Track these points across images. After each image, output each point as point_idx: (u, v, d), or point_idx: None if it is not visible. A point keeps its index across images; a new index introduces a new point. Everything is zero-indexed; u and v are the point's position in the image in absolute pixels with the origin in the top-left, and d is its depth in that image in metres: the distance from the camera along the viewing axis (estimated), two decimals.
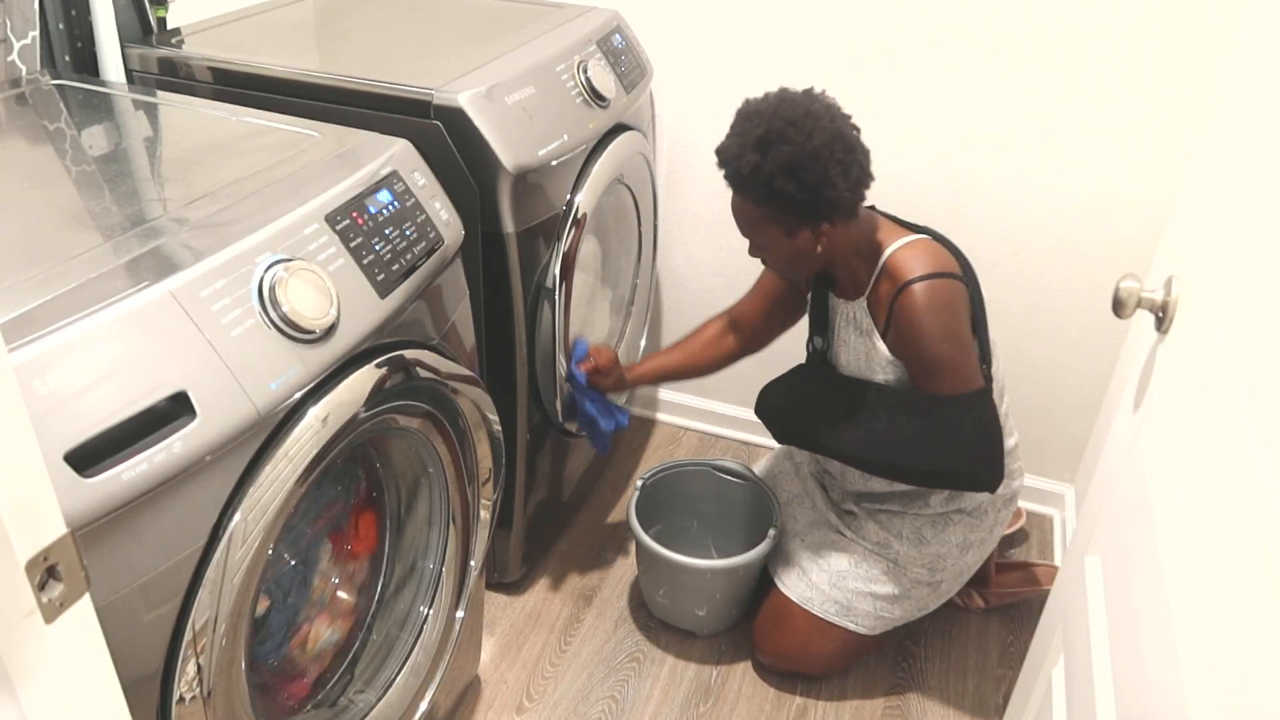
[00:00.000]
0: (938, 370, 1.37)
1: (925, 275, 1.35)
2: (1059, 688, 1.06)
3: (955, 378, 1.37)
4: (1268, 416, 0.62)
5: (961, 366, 1.38)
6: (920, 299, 1.35)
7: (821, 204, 1.30)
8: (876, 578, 1.59)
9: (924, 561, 1.58)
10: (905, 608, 1.61)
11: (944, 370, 1.37)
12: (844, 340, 1.50)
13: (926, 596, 1.62)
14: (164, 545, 0.84)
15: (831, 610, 1.60)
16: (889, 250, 1.39)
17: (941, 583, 1.61)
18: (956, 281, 1.37)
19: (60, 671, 0.55)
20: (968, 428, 1.39)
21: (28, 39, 1.38)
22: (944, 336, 1.36)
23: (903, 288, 1.36)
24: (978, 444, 1.40)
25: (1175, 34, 1.59)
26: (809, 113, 1.29)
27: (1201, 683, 0.64)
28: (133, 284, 0.84)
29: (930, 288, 1.35)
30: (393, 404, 1.12)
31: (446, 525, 1.34)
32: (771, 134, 1.28)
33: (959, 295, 1.38)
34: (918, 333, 1.36)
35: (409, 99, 1.38)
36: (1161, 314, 0.94)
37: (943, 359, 1.37)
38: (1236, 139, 0.89)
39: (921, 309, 1.35)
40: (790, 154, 1.27)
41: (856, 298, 1.46)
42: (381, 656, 1.32)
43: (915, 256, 1.38)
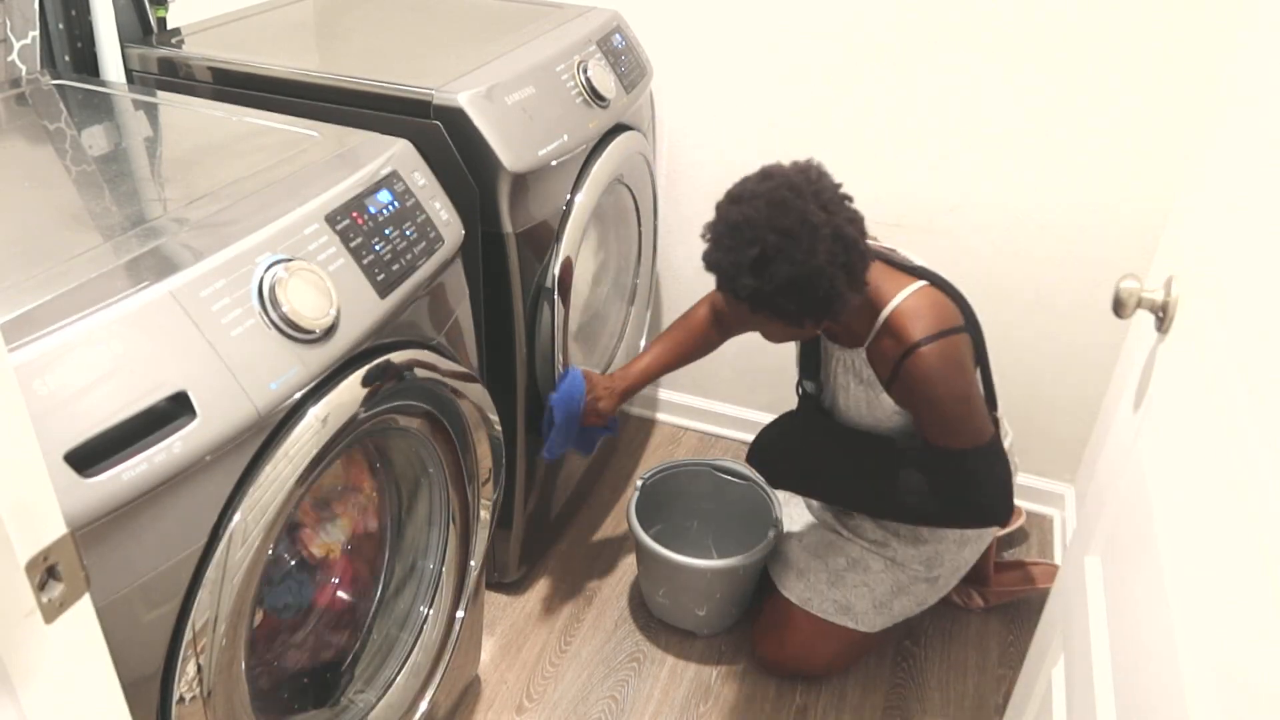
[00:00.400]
0: (951, 431, 1.36)
1: (933, 336, 1.31)
2: (1059, 688, 1.06)
3: (968, 433, 1.37)
4: (1268, 416, 0.62)
5: (974, 422, 1.37)
6: (930, 362, 1.31)
7: (827, 311, 1.25)
8: (875, 575, 1.59)
9: (922, 559, 1.58)
10: (904, 604, 1.61)
11: (958, 430, 1.36)
12: (843, 386, 1.48)
13: (925, 592, 1.62)
14: (164, 545, 0.84)
15: (831, 610, 1.60)
16: (890, 305, 1.35)
17: (939, 578, 1.61)
18: (962, 334, 1.34)
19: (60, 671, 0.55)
20: (981, 477, 1.39)
21: (28, 39, 1.38)
22: (957, 398, 1.34)
23: (910, 350, 1.32)
24: (989, 490, 1.41)
25: (1175, 33, 1.59)
26: (805, 220, 1.19)
27: (1201, 683, 0.64)
28: (133, 284, 0.84)
29: (939, 350, 1.31)
30: (393, 404, 1.12)
31: (446, 525, 1.34)
32: (768, 252, 1.20)
33: (966, 350, 1.35)
34: (930, 396, 1.34)
35: (409, 99, 1.38)
36: (1161, 314, 0.94)
37: (956, 419, 1.35)
38: (1236, 139, 0.89)
39: (933, 373, 1.31)
40: (791, 274, 1.20)
41: (854, 346, 1.43)
42: (381, 656, 1.32)
43: (919, 313, 1.33)
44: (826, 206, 1.22)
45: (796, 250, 1.19)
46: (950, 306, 1.36)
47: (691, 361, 1.70)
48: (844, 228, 1.22)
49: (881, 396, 1.42)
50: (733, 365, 2.23)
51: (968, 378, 1.36)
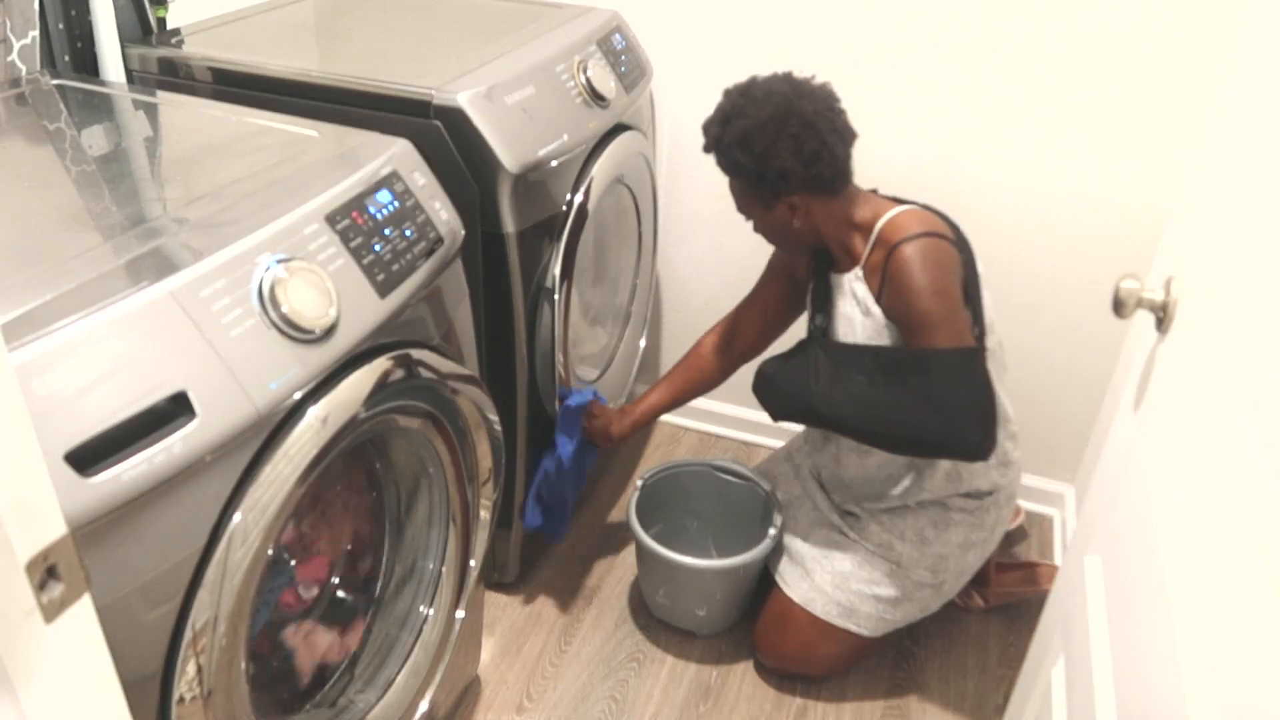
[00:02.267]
0: (928, 325, 1.39)
1: (916, 235, 1.40)
2: (1059, 688, 1.06)
3: (945, 332, 1.38)
4: (1268, 416, 0.62)
5: (951, 322, 1.39)
6: (910, 254, 1.39)
7: (770, 174, 1.40)
8: (879, 580, 1.59)
9: (927, 563, 1.58)
10: (907, 609, 1.61)
11: (934, 325, 1.39)
12: (841, 313, 1.52)
13: (929, 598, 1.62)
14: (164, 545, 0.84)
15: (834, 612, 1.60)
16: (883, 219, 1.45)
17: (944, 583, 1.61)
18: (947, 243, 1.41)
19: (60, 671, 0.54)
20: (958, 384, 1.39)
21: (28, 39, 1.38)
22: (934, 291, 1.38)
23: (894, 247, 1.40)
24: (968, 403, 1.39)
25: (1175, 32, 1.59)
26: (770, 91, 1.39)
27: (1201, 683, 0.64)
28: (133, 284, 0.84)
29: (920, 245, 1.39)
30: (393, 404, 1.12)
31: (446, 525, 1.34)
32: (732, 109, 1.41)
33: (949, 255, 1.41)
34: (908, 287, 1.39)
35: (409, 99, 1.38)
36: (1161, 314, 0.94)
37: (933, 313, 1.38)
38: (1236, 139, 0.89)
39: (912, 264, 1.39)
40: (743, 127, 1.39)
41: (851, 268, 1.50)
42: (381, 656, 1.32)
43: (907, 221, 1.43)
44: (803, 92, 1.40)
45: (753, 108, 1.39)
46: (938, 221, 1.45)
47: (698, 394, 1.78)
48: (806, 109, 1.38)
49: (872, 310, 1.46)
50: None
51: (946, 275, 1.40)
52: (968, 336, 1.40)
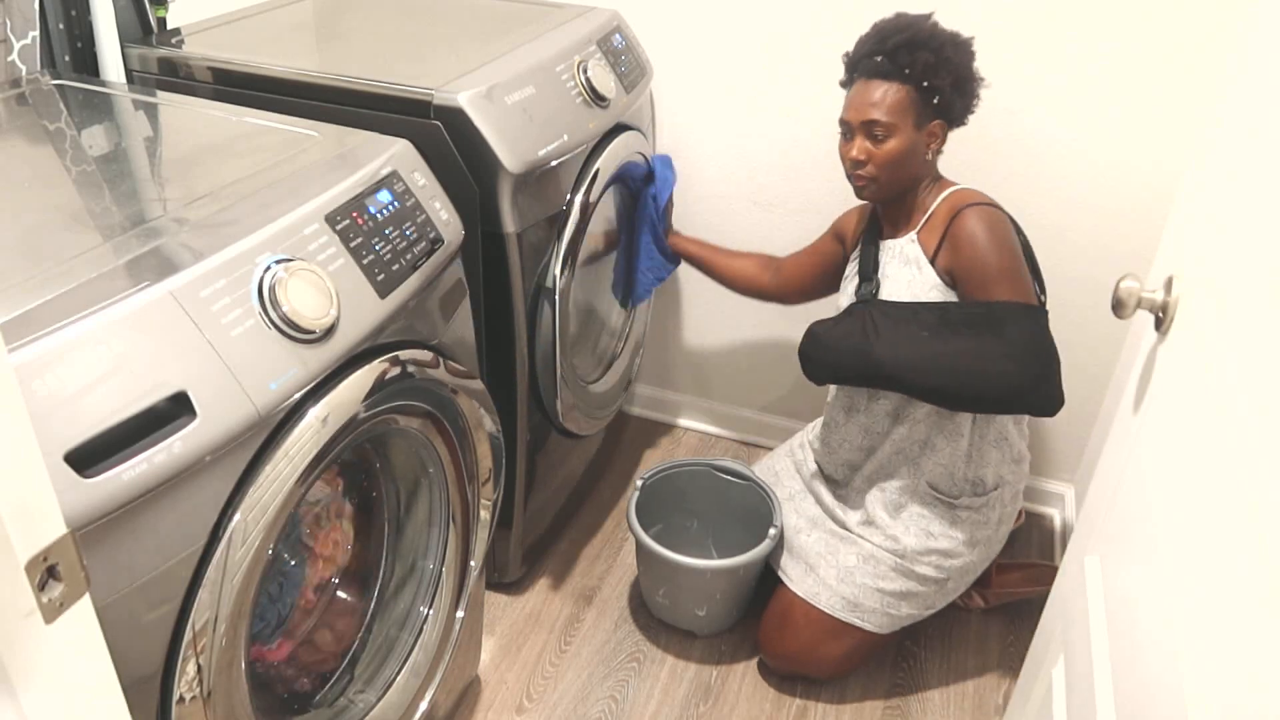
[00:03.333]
0: (997, 279, 1.42)
1: (983, 202, 1.47)
2: (1059, 687, 1.06)
3: (1015, 286, 1.43)
4: (1268, 416, 0.62)
5: (1020, 279, 1.44)
6: (978, 216, 1.45)
7: (959, 105, 1.47)
8: (884, 574, 1.59)
9: (932, 559, 1.58)
10: (912, 605, 1.61)
11: (1004, 278, 1.42)
12: (888, 275, 1.54)
13: (933, 595, 1.61)
14: (164, 545, 0.84)
15: (839, 606, 1.60)
16: (948, 190, 1.52)
17: (948, 580, 1.61)
18: (1010, 219, 1.49)
19: (60, 671, 0.55)
20: (1030, 337, 1.41)
21: (28, 39, 1.38)
22: (1001, 248, 1.43)
23: (962, 209, 1.46)
24: (1041, 355, 1.41)
25: (1176, 32, 1.59)
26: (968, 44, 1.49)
27: (1201, 683, 0.64)
28: (133, 284, 0.84)
29: (987, 210, 1.46)
30: (393, 404, 1.12)
31: (446, 525, 1.34)
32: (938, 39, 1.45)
33: (1011, 227, 1.48)
34: (975, 242, 1.44)
35: (409, 99, 1.38)
36: (1161, 314, 0.94)
37: (1003, 268, 1.43)
38: (1236, 139, 0.89)
39: (981, 222, 1.44)
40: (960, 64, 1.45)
41: (907, 233, 1.53)
42: (381, 656, 1.32)
43: (974, 193, 1.50)
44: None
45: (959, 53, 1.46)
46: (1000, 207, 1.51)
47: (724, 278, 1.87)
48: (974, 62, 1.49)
49: (924, 270, 1.49)
50: (733, 365, 2.23)
51: (1014, 245, 1.46)
52: (1034, 297, 1.45)
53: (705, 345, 2.24)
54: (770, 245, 2.04)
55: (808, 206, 1.97)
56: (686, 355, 2.27)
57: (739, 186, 2.01)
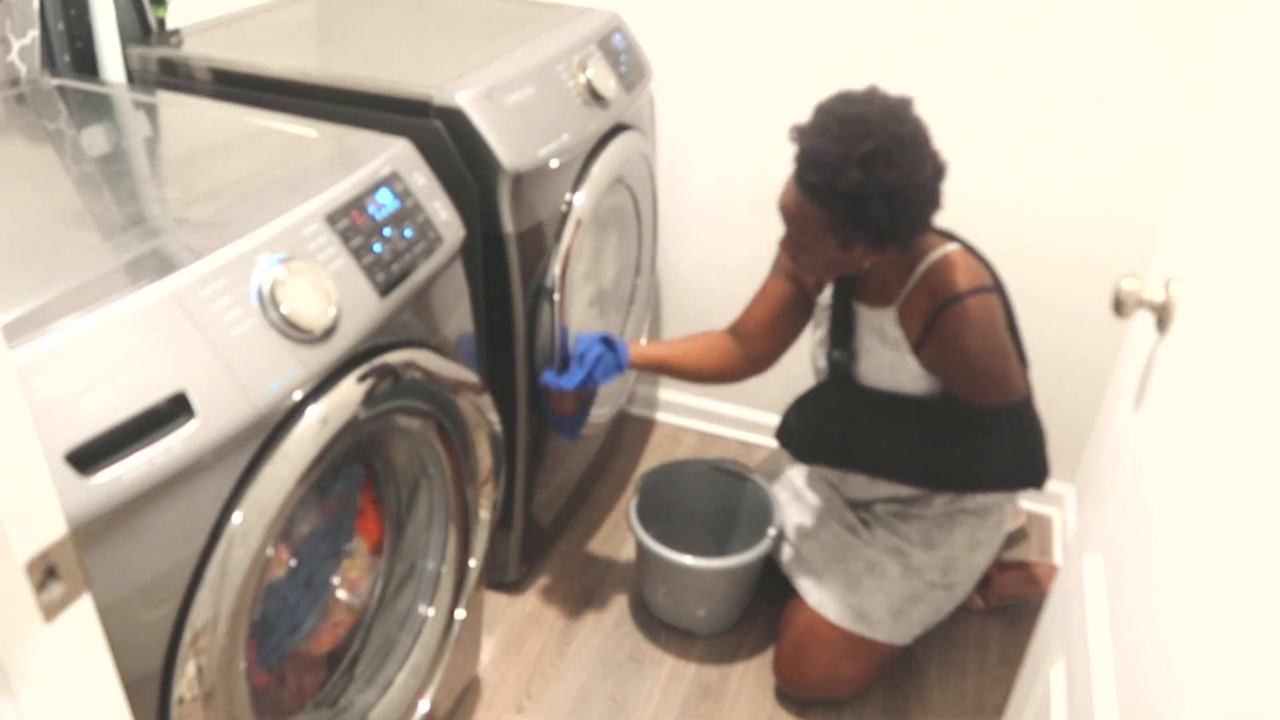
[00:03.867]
0: (988, 385, 1.37)
1: (970, 290, 1.33)
2: (1059, 688, 1.06)
3: (1004, 390, 1.38)
4: (1268, 416, 0.62)
5: (1009, 378, 1.38)
6: (968, 316, 1.33)
7: (904, 234, 1.25)
8: (892, 581, 1.57)
9: (936, 565, 1.57)
10: (921, 612, 1.60)
11: (994, 385, 1.37)
12: (867, 349, 1.46)
13: (942, 600, 1.61)
14: (164, 545, 0.84)
15: (847, 616, 1.57)
16: (927, 260, 1.36)
17: (955, 585, 1.60)
18: (992, 293, 1.37)
19: (60, 671, 0.55)
20: (1017, 438, 1.39)
21: (28, 39, 1.38)
22: (992, 352, 1.36)
23: (947, 304, 1.33)
24: (1027, 452, 1.41)
25: (1174, 33, 1.59)
26: (918, 132, 1.22)
27: (1201, 683, 0.64)
28: (133, 284, 0.84)
29: (974, 305, 1.33)
30: (392, 404, 1.12)
31: (446, 525, 1.34)
32: (881, 153, 1.19)
33: (997, 309, 1.38)
34: (966, 349, 1.35)
35: (409, 99, 1.38)
36: (1161, 314, 0.94)
37: (993, 374, 1.37)
38: (1235, 139, 0.89)
39: (970, 326, 1.33)
40: (897, 180, 1.20)
41: (884, 305, 1.42)
42: (381, 656, 1.32)
43: (955, 269, 1.35)
44: (928, 132, 1.27)
45: (907, 157, 1.20)
46: (980, 267, 1.39)
47: (699, 371, 1.65)
48: (940, 158, 1.26)
49: (907, 359, 1.41)
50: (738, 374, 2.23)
51: (1001, 334, 1.38)
52: (1020, 386, 1.39)
53: None
54: (769, 245, 2.04)
55: None
56: None
57: (739, 186, 2.01)
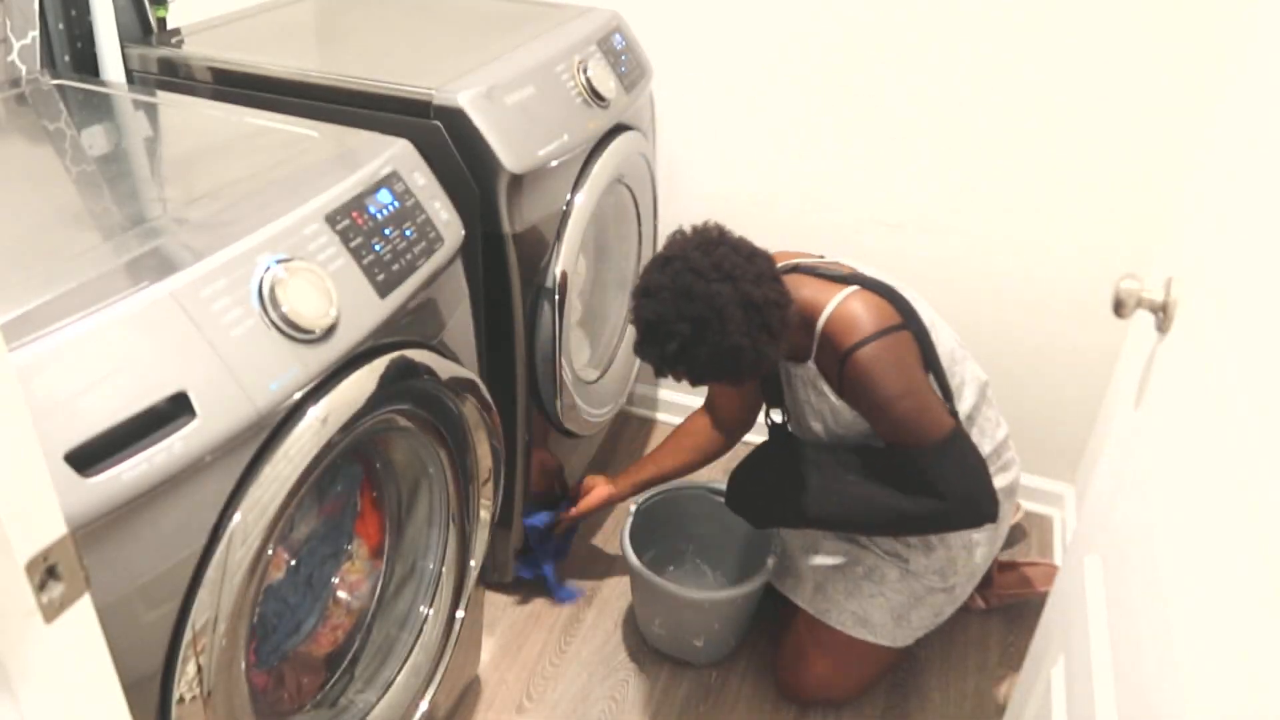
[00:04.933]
0: (904, 428, 1.36)
1: (866, 338, 1.33)
2: (1059, 687, 1.06)
3: (923, 428, 1.36)
4: (1268, 416, 0.62)
5: (926, 415, 1.36)
6: (867, 364, 1.33)
7: (760, 368, 1.30)
8: (891, 585, 1.57)
9: (935, 568, 1.57)
10: (922, 615, 1.59)
11: (910, 426, 1.36)
12: (804, 401, 1.48)
13: (942, 602, 1.60)
14: (164, 545, 0.84)
15: (849, 621, 1.57)
16: (823, 316, 1.37)
17: (955, 586, 1.60)
18: (898, 332, 1.36)
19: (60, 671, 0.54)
20: (953, 470, 1.38)
21: (28, 39, 1.38)
22: (901, 394, 1.34)
23: (846, 355, 1.34)
24: (967, 483, 1.39)
25: (1175, 32, 1.59)
26: (711, 303, 1.25)
27: (1201, 683, 0.64)
28: (133, 284, 0.84)
29: (874, 351, 1.33)
30: (392, 404, 1.12)
31: (446, 525, 1.34)
32: (686, 344, 1.27)
33: (904, 346, 1.36)
34: (874, 398, 1.35)
35: (409, 99, 1.38)
36: (1161, 314, 0.94)
37: (907, 416, 1.35)
38: (1235, 139, 0.89)
39: (871, 374, 1.33)
40: (712, 354, 1.27)
41: (804, 361, 1.44)
42: (381, 656, 1.32)
43: (849, 318, 1.35)
44: (730, 275, 1.26)
45: (709, 333, 1.25)
46: (883, 306, 1.37)
47: (692, 466, 1.72)
48: (751, 293, 1.26)
49: (836, 401, 1.42)
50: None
51: (910, 374, 1.36)
52: (943, 419, 1.37)
53: None
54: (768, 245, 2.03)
55: (807, 207, 1.97)
56: None
57: (738, 186, 2.01)
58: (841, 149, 1.90)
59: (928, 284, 1.94)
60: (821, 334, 1.38)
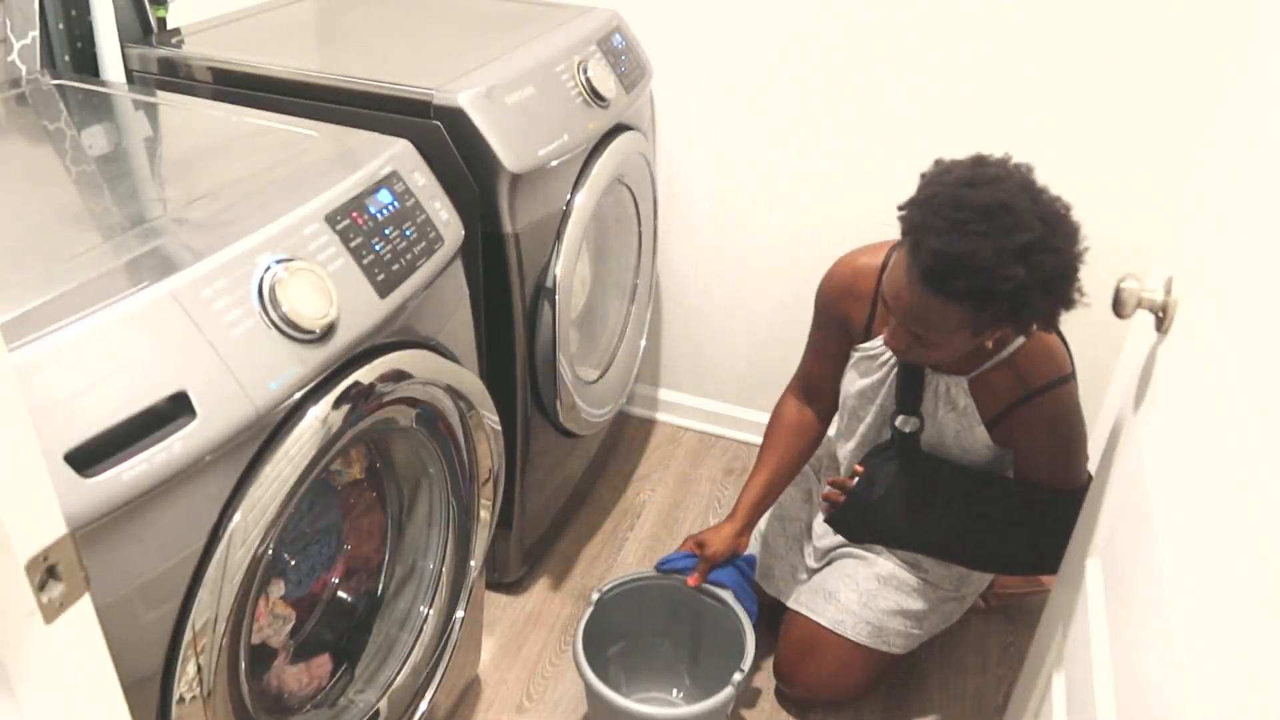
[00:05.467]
0: (1065, 474, 1.36)
1: (1059, 380, 1.29)
2: (1059, 688, 1.06)
3: (1077, 475, 1.37)
4: (1268, 416, 0.62)
5: (1083, 464, 1.37)
6: (1058, 408, 1.30)
7: (1059, 315, 1.15)
8: (907, 594, 1.55)
9: (953, 579, 1.57)
10: (932, 623, 1.59)
11: (1071, 471, 1.36)
12: (929, 414, 1.40)
13: (952, 610, 1.61)
14: (164, 545, 0.84)
15: (864, 633, 1.54)
16: (1018, 340, 1.29)
17: (966, 596, 1.61)
18: (1074, 379, 1.34)
19: (60, 671, 0.55)
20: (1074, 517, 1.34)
21: (28, 39, 1.38)
22: (1081, 437, 1.35)
23: (1038, 392, 1.30)
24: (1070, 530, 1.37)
25: (1175, 32, 1.59)
26: (1059, 207, 1.12)
27: (1201, 683, 0.64)
28: (133, 284, 0.84)
29: (1065, 394, 1.30)
30: (392, 405, 1.12)
31: (446, 525, 1.34)
32: (1037, 242, 1.09)
33: (1077, 396, 1.35)
34: (1053, 439, 1.33)
35: (409, 99, 1.38)
36: (1161, 314, 0.94)
37: (1072, 464, 1.35)
38: (1235, 140, 0.89)
39: (1059, 417, 1.31)
40: (1058, 265, 1.10)
41: (956, 372, 1.36)
42: (381, 656, 1.32)
43: (1046, 355, 1.30)
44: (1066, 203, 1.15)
45: (1059, 239, 1.11)
46: (1065, 351, 1.34)
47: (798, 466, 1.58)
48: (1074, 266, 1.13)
49: (976, 429, 1.37)
50: (733, 365, 2.23)
51: (1082, 422, 1.36)
52: (1087, 468, 1.38)
53: (705, 345, 2.24)
54: (769, 245, 2.04)
55: (807, 207, 1.97)
56: (686, 355, 2.27)
57: (739, 187, 2.01)
58: (841, 149, 1.89)
59: None
60: (1008, 357, 1.28)
